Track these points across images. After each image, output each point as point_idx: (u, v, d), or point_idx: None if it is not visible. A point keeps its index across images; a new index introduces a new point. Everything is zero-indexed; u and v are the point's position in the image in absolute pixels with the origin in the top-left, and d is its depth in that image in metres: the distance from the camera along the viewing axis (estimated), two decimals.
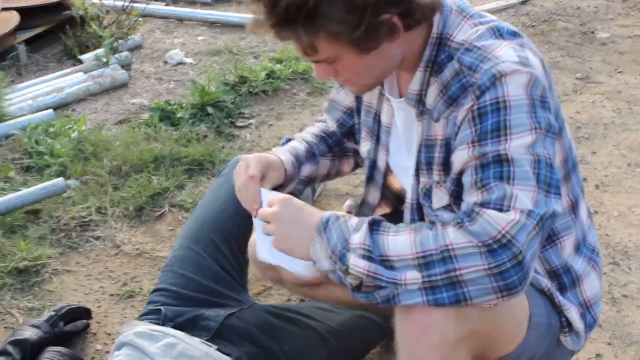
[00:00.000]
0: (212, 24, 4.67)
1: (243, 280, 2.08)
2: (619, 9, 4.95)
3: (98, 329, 2.24)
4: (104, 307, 2.33)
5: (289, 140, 1.89)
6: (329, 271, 1.43)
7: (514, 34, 1.47)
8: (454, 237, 1.32)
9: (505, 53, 1.40)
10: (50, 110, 3.40)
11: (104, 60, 3.89)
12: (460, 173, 1.43)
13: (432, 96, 1.50)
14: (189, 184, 2.97)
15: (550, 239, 1.54)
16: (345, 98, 1.84)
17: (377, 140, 1.73)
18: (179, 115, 3.41)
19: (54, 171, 2.99)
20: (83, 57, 3.96)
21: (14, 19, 3.95)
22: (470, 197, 1.37)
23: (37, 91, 3.60)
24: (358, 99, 1.78)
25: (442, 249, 1.32)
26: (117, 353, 1.85)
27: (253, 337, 1.92)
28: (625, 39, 4.56)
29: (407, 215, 1.65)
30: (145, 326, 1.88)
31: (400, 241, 1.36)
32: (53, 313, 2.15)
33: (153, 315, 1.96)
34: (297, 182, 1.82)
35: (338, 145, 1.90)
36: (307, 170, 1.84)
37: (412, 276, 1.34)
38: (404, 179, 1.71)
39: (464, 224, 1.32)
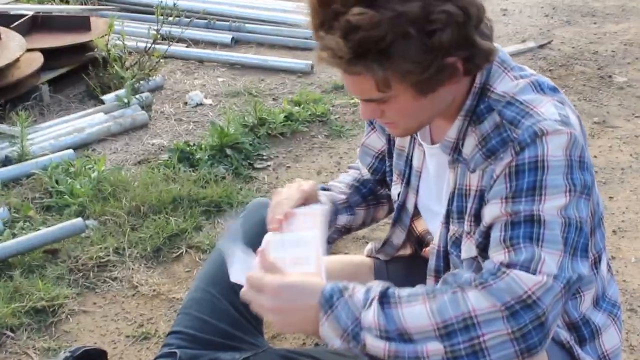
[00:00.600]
0: (232, 65, 4.73)
1: (258, 324, 2.07)
2: (636, 53, 4.95)
3: None
4: (119, 349, 2.33)
5: (324, 189, 1.88)
6: (343, 349, 1.37)
7: (554, 90, 1.47)
8: (475, 301, 1.29)
9: (547, 110, 1.39)
10: (70, 150, 3.45)
11: (125, 100, 3.95)
12: (490, 227, 1.42)
13: (470, 146, 1.48)
14: (207, 226, 2.98)
15: (572, 294, 1.53)
16: (376, 141, 1.83)
17: (408, 183, 1.72)
18: (197, 156, 3.44)
19: (73, 211, 3.02)
20: (105, 97, 4.02)
21: (38, 59, 4.03)
22: (497, 255, 1.35)
23: (59, 131, 3.66)
24: (390, 142, 1.78)
25: (465, 317, 1.29)
26: None
27: None
28: None
29: (432, 261, 1.64)
30: None
31: (416, 312, 1.32)
32: (68, 354, 2.16)
33: (168, 358, 1.96)
34: (332, 231, 1.83)
35: (372, 194, 1.91)
36: (343, 220, 1.85)
37: (434, 347, 1.30)
38: (430, 224, 1.71)
39: (488, 283, 1.30)
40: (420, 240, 1.84)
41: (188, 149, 3.49)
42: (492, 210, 1.40)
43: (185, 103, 4.19)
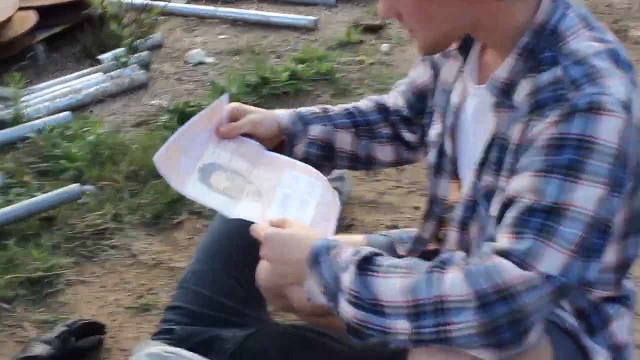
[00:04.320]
0: (233, 22, 4.57)
1: (262, 299, 1.98)
2: None
3: (112, 345, 2.16)
4: (118, 321, 2.25)
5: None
6: (328, 307, 1.33)
7: (629, 66, 1.29)
8: (450, 285, 1.18)
9: (615, 86, 1.22)
10: (67, 112, 3.33)
11: (123, 60, 3.82)
12: (511, 200, 1.25)
13: (523, 94, 1.30)
14: None
15: (580, 288, 1.37)
16: (420, 74, 1.67)
17: (444, 122, 1.54)
18: None
19: (70, 175, 2.91)
20: (101, 57, 3.89)
21: (32, 18, 3.88)
22: (499, 237, 1.23)
23: (55, 92, 3.53)
24: (436, 76, 1.61)
25: (435, 300, 1.19)
26: None
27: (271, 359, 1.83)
28: None
29: (458, 211, 1.47)
30: (159, 347, 1.80)
31: (391, 285, 1.23)
32: (65, 328, 2.08)
33: (167, 335, 1.88)
34: (306, 144, 1.68)
35: (367, 125, 1.72)
36: (316, 130, 1.68)
37: (402, 326, 1.21)
38: (463, 172, 1.52)
39: (469, 267, 1.19)
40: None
41: (188, 110, 3.36)
42: (519, 183, 1.24)
43: (186, 62, 4.05)
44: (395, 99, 1.75)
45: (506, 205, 1.26)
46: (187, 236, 2.64)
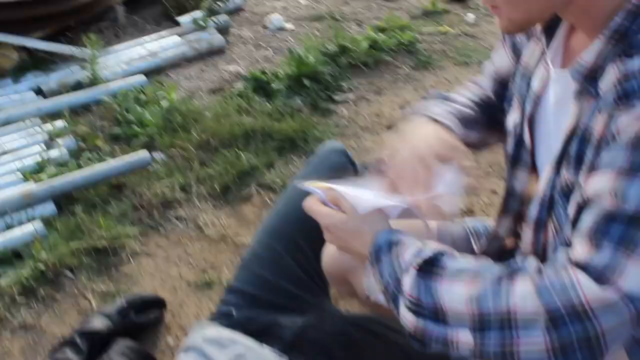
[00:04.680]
0: None
1: (325, 284, 1.89)
2: None
3: (171, 321, 2.11)
4: (179, 297, 2.20)
5: (445, 98, 1.57)
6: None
7: None
8: (520, 298, 1.06)
9: None
10: (142, 76, 3.29)
11: (201, 23, 3.75)
12: (587, 202, 1.12)
13: (609, 81, 1.14)
14: (279, 163, 2.79)
15: None
16: (502, 60, 1.53)
17: (524, 110, 1.40)
18: (273, 86, 3.23)
19: (141, 142, 2.88)
20: (180, 19, 3.84)
21: None
22: (576, 244, 1.09)
23: (132, 54, 3.50)
24: (517, 58, 1.46)
25: (503, 313, 1.07)
26: (184, 356, 1.71)
27: (331, 351, 1.74)
28: None
29: (533, 209, 1.32)
30: (216, 330, 1.73)
31: (455, 291, 1.12)
32: (125, 303, 2.04)
33: (224, 318, 1.81)
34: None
35: (492, 115, 1.58)
36: (473, 136, 1.52)
37: (465, 337, 1.11)
38: (542, 166, 1.38)
39: (543, 279, 1.06)
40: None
41: (264, 77, 3.28)
42: (598, 183, 1.09)
43: (265, 27, 3.97)
44: (485, 82, 1.60)
45: (584, 206, 1.12)
46: (255, 210, 2.57)
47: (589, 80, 1.18)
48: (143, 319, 2.05)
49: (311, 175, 1.92)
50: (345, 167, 1.91)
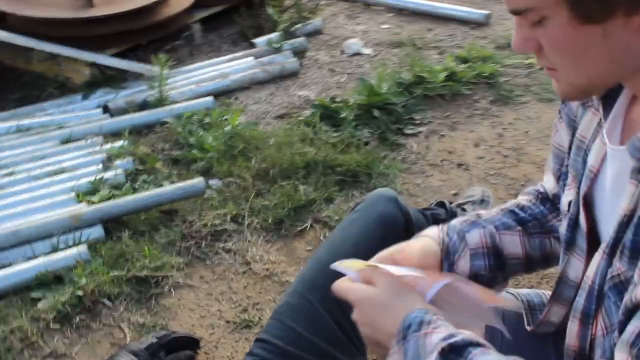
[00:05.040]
0: (399, 10, 4.33)
1: (360, 343, 1.74)
2: None
3: None
4: (216, 335, 2.10)
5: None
6: None
7: None
8: None
9: None
10: (210, 98, 3.23)
11: (276, 46, 3.68)
12: (635, 308, 0.94)
13: None
14: (339, 198, 2.66)
15: None
16: (563, 136, 1.31)
17: (579, 187, 1.22)
18: (342, 115, 3.11)
19: (200, 167, 2.81)
20: (256, 40, 3.77)
21: None
22: (617, 355, 0.92)
23: (202, 76, 3.45)
24: (572, 132, 1.26)
25: None
26: None
27: None
28: None
29: (580, 299, 1.15)
30: None
31: None
32: (155, 340, 1.95)
33: None
34: (470, 257, 1.37)
35: (535, 220, 1.42)
36: (476, 237, 1.38)
37: None
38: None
39: None
40: None
41: (333, 106, 3.16)
42: None
43: (342, 51, 3.85)
44: (550, 181, 1.42)
45: (632, 311, 0.94)
46: (307, 247, 2.45)
47: None
48: (173, 359, 1.96)
49: (355, 222, 1.78)
50: (395, 217, 1.76)
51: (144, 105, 3.18)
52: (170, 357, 1.95)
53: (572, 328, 1.17)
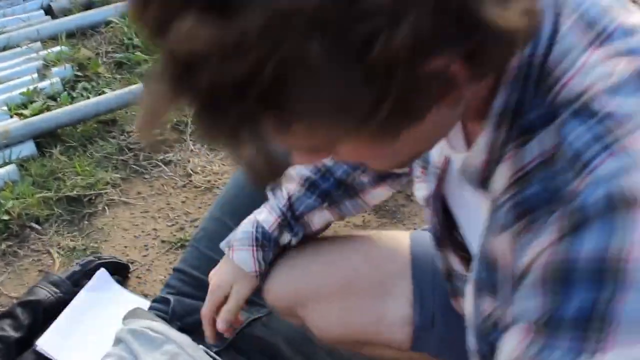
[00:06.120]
0: None
1: None
2: None
3: (135, 286, 1.90)
4: (149, 257, 1.98)
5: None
6: None
7: None
8: None
9: None
10: None
11: None
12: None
13: (501, 181, 0.77)
14: None
15: None
16: None
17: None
18: None
19: (145, 70, 2.62)
20: None
21: None
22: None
23: None
24: None
25: None
26: (111, 351, 1.50)
27: (278, 351, 1.50)
28: None
29: (471, 338, 0.91)
30: (146, 323, 1.51)
31: None
32: (78, 268, 1.84)
33: (163, 305, 1.59)
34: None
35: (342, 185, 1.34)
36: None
37: None
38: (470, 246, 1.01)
39: None
40: None
41: None
42: (509, 344, 0.69)
43: None
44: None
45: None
46: None
47: (484, 184, 0.80)
48: None
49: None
50: None
51: (90, 5, 2.97)
52: None
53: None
